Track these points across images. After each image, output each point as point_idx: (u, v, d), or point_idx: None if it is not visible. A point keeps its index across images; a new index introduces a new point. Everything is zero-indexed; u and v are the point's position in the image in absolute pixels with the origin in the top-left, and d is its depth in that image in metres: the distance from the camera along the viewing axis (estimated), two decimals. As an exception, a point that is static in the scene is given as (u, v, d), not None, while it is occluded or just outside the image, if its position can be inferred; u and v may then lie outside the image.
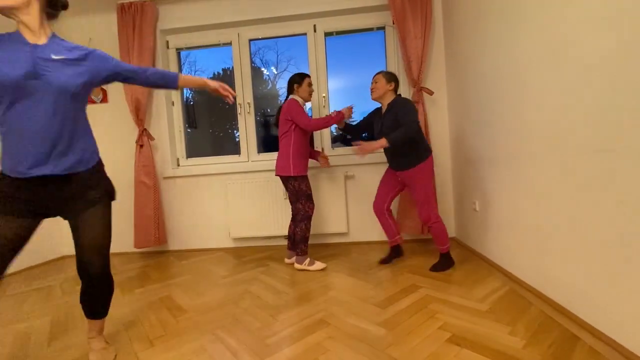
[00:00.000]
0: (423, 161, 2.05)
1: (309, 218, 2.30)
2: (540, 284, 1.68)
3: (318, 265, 2.31)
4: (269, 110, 3.45)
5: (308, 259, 2.32)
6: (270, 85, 3.55)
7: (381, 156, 2.84)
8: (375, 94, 2.18)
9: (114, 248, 3.17)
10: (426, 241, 2.83)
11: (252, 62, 3.10)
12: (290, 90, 2.36)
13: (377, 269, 2.24)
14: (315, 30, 2.96)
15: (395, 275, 2.11)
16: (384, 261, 2.34)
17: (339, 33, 2.99)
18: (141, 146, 2.90)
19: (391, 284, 1.98)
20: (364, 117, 2.41)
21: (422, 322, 1.50)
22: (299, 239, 2.28)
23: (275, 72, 3.51)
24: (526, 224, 1.75)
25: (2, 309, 2.00)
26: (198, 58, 3.34)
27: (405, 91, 2.83)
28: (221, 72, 3.49)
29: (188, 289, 2.12)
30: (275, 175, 2.35)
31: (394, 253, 2.36)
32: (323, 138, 2.99)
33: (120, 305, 1.93)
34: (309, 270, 2.30)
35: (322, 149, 2.96)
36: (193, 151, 3.27)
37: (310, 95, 2.38)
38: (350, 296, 1.83)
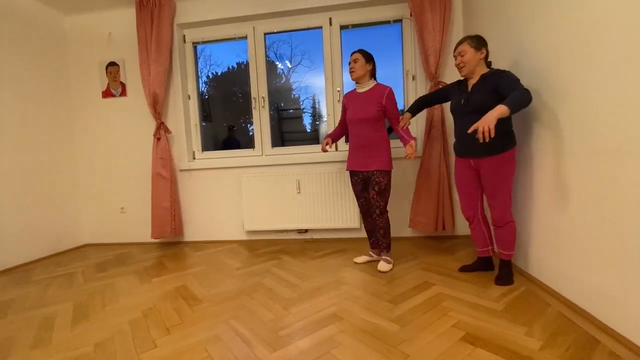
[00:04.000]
0: (509, 150, 1.72)
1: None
2: (559, 285, 1.63)
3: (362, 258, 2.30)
4: (282, 104, 3.46)
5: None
6: (283, 79, 3.54)
7: (398, 151, 2.81)
8: (465, 70, 1.80)
9: (133, 238, 3.27)
10: (440, 238, 2.79)
11: (266, 56, 3.10)
12: (373, 74, 2.15)
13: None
14: (330, 24, 2.93)
15: (408, 272, 2.10)
16: (465, 269, 2.06)
17: (355, 26, 2.95)
18: (158, 139, 2.96)
19: (404, 280, 1.96)
20: (419, 98, 2.13)
21: (435, 319, 1.49)
22: (388, 233, 2.16)
23: (290, 66, 3.51)
24: (546, 223, 1.71)
25: (28, 293, 2.09)
26: (213, 52, 3.37)
27: (422, 85, 2.77)
28: (235, 66, 3.51)
29: (203, 279, 2.16)
30: (367, 170, 2.11)
31: (481, 264, 2.03)
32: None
33: (138, 293, 2.00)
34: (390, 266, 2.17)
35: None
36: (208, 144, 3.32)
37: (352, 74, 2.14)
38: (362, 291, 1.83)
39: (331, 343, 1.35)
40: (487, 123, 1.50)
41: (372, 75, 2.15)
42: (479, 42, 1.76)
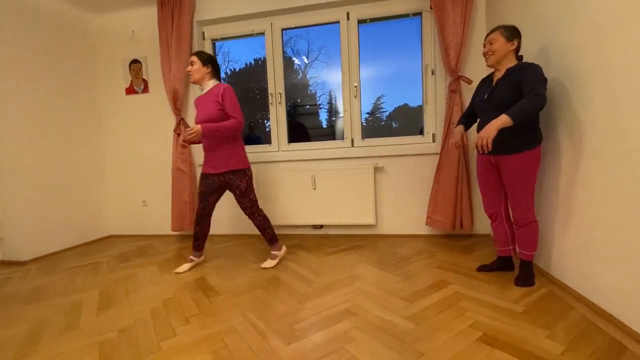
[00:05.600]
0: (534, 147, 1.64)
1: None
2: (583, 287, 1.57)
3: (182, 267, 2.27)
4: (299, 100, 3.46)
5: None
6: (300, 75, 3.54)
7: (413, 147, 2.77)
8: (492, 60, 1.72)
9: (154, 230, 3.38)
10: (457, 237, 2.73)
11: (283, 51, 3.11)
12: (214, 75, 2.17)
13: (404, 263, 2.21)
14: (348, 18, 2.89)
15: (424, 270, 2.07)
16: (484, 268, 2.00)
17: (372, 20, 2.91)
18: (178, 134, 3.04)
19: (420, 278, 1.94)
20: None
21: (452, 319, 1.46)
22: (268, 227, 2.26)
23: (306, 62, 3.51)
24: (571, 224, 1.64)
25: (58, 280, 2.21)
26: (231, 48, 3.40)
27: (442, 80, 2.71)
28: (253, 62, 3.54)
29: (220, 271, 2.22)
30: (220, 172, 2.11)
31: (501, 264, 1.97)
32: (354, 128, 2.95)
33: (159, 283, 2.07)
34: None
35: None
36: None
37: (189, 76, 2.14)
38: (377, 288, 1.83)
39: (345, 338, 1.35)
40: (485, 137, 1.51)
41: (214, 76, 2.17)
42: (512, 33, 1.68)
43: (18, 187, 2.64)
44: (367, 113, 3.15)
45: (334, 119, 3.48)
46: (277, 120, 3.11)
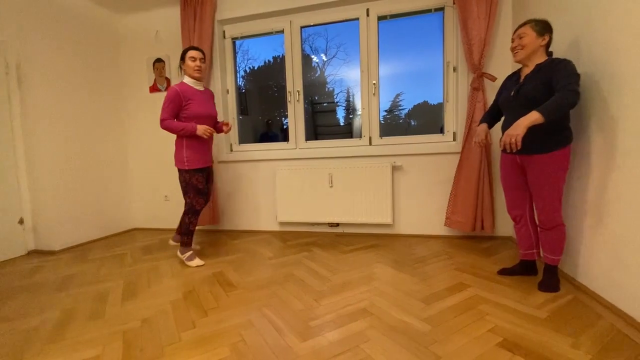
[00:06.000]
0: (563, 147, 1.56)
1: (195, 212, 2.27)
2: (613, 295, 1.49)
3: (197, 262, 2.29)
4: (316, 97, 3.47)
5: (189, 253, 2.32)
6: (318, 73, 3.54)
7: (433, 146, 2.71)
8: (521, 55, 1.65)
9: (175, 224, 3.48)
10: (477, 239, 2.66)
11: (302, 49, 3.11)
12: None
13: (422, 264, 2.17)
14: (368, 15, 2.86)
15: (442, 272, 2.03)
16: (505, 272, 1.92)
17: (393, 16, 2.86)
18: (199, 132, 3.11)
19: (437, 280, 1.91)
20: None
21: (470, 322, 1.43)
22: (183, 231, 2.27)
23: (325, 59, 3.50)
24: (601, 229, 1.56)
25: (86, 270, 2.32)
26: (251, 46, 3.44)
27: (464, 77, 2.63)
28: (271, 60, 3.57)
29: (238, 266, 2.26)
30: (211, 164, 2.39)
31: (522, 269, 1.90)
32: (372, 126, 2.92)
33: (179, 276, 2.13)
34: (187, 265, 2.31)
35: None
36: (246, 137, 3.42)
37: (195, 71, 2.19)
38: (393, 288, 1.81)
39: (360, 337, 1.35)
40: (514, 134, 1.45)
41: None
42: (543, 27, 1.60)
43: (50, 180, 2.79)
44: (385, 111, 3.12)
45: (351, 116, 3.46)
46: (295, 118, 3.12)
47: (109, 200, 3.34)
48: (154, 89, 3.41)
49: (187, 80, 2.22)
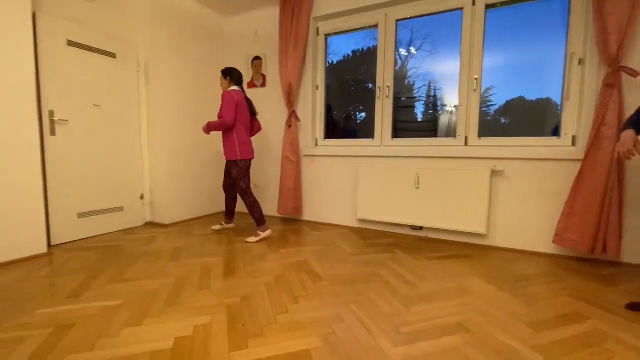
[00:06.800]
0: None
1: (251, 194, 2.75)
2: None
3: (268, 232, 2.77)
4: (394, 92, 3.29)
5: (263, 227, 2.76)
6: (399, 65, 3.37)
7: (544, 151, 2.37)
8: None
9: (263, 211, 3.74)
10: (595, 262, 2.26)
11: (396, 43, 3.00)
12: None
13: (525, 283, 1.93)
14: (474, 3, 2.62)
15: (551, 296, 1.77)
16: (637, 307, 1.62)
17: (504, 4, 2.56)
18: (289, 126, 3.27)
19: (546, 305, 1.67)
20: None
21: (597, 363, 1.21)
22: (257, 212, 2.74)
23: (413, 52, 3.32)
24: None
25: (192, 244, 2.64)
26: (332, 41, 3.43)
27: (593, 71, 2.23)
28: (350, 54, 3.51)
29: (321, 258, 2.32)
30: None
31: None
32: (470, 125, 2.69)
33: (269, 260, 2.28)
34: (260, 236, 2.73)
35: None
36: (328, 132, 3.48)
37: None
38: (492, 307, 1.64)
39: (458, 355, 1.26)
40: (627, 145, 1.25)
41: (237, 84, 2.73)
42: None
43: (165, 164, 3.24)
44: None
45: (431, 112, 3.23)
46: (383, 114, 3.05)
47: (208, 184, 3.75)
48: (251, 84, 3.69)
49: (236, 87, 2.73)
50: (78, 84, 2.68)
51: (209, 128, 2.62)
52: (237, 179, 2.67)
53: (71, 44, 2.61)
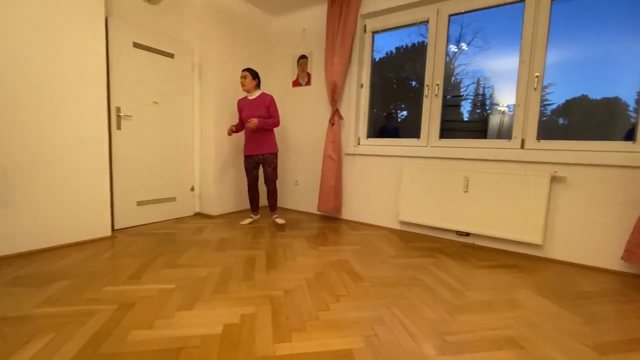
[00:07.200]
0: None
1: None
2: None
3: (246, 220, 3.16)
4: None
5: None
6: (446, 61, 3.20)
7: (616, 157, 2.14)
8: None
9: (302, 207, 3.81)
10: (675, 285, 1.99)
11: (448, 39, 2.87)
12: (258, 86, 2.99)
13: (587, 301, 1.76)
14: (539, -6, 2.42)
15: (619, 317, 1.60)
16: None
17: (574, -6, 2.33)
18: (332, 124, 3.27)
19: (612, 327, 1.51)
20: None
21: (679, 399, 1.07)
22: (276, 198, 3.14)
23: (464, 48, 3.14)
24: None
25: (236, 236, 2.76)
26: (377, 38, 3.35)
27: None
28: (394, 51, 3.40)
29: (361, 258, 2.30)
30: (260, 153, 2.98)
31: None
32: (527, 127, 2.50)
33: (309, 256, 2.32)
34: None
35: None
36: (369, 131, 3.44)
37: (242, 87, 2.95)
38: (548, 323, 1.52)
39: (510, 371, 1.18)
40: None
41: (258, 86, 2.98)
42: None
43: (213, 159, 3.41)
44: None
45: (479, 111, 3.03)
46: (430, 114, 2.94)
47: (252, 179, 3.89)
48: (296, 83, 3.75)
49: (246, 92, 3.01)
50: (140, 83, 2.91)
51: (262, 125, 2.86)
52: (275, 168, 3.03)
53: (136, 45, 2.84)
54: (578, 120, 2.43)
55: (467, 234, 2.71)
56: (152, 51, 2.98)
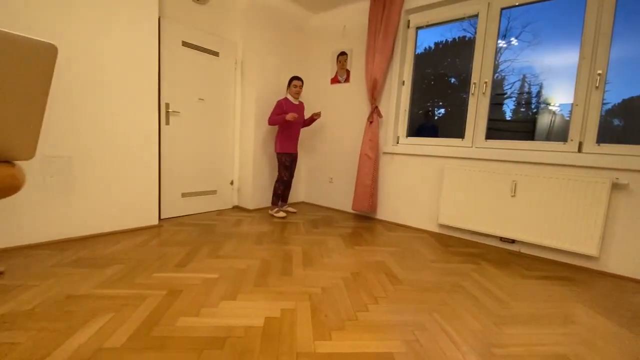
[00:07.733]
0: None
1: (279, 181, 3.32)
2: None
3: (281, 214, 3.30)
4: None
5: (276, 209, 3.36)
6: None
7: None
8: None
9: (336, 205, 3.82)
10: None
11: (498, 34, 2.71)
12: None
13: (653, 323, 1.60)
14: (606, -16, 2.20)
15: (694, 344, 1.44)
16: None
17: (649, -18, 2.10)
18: (371, 122, 3.23)
19: (686, 354, 1.36)
20: None
21: None
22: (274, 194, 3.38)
23: (514, 42, 2.94)
24: None
25: (273, 231, 2.83)
26: (419, 33, 3.23)
27: None
28: (432, 46, 3.26)
29: (399, 260, 2.26)
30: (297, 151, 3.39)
31: None
32: (586, 129, 2.31)
33: (345, 255, 2.32)
34: (274, 216, 3.31)
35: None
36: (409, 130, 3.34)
37: (295, 93, 3.21)
38: (606, 342, 1.40)
39: (565, 392, 1.11)
40: None
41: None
42: None
43: (252, 155, 3.50)
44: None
45: (523, 110, 2.83)
46: (477, 113, 2.80)
47: (287, 175, 3.95)
48: (334, 80, 3.74)
49: (289, 97, 3.22)
50: (188, 80, 3.05)
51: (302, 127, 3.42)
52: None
53: (185, 44, 2.98)
54: (637, 121, 2.20)
55: (513, 241, 2.56)
56: (199, 49, 3.10)
